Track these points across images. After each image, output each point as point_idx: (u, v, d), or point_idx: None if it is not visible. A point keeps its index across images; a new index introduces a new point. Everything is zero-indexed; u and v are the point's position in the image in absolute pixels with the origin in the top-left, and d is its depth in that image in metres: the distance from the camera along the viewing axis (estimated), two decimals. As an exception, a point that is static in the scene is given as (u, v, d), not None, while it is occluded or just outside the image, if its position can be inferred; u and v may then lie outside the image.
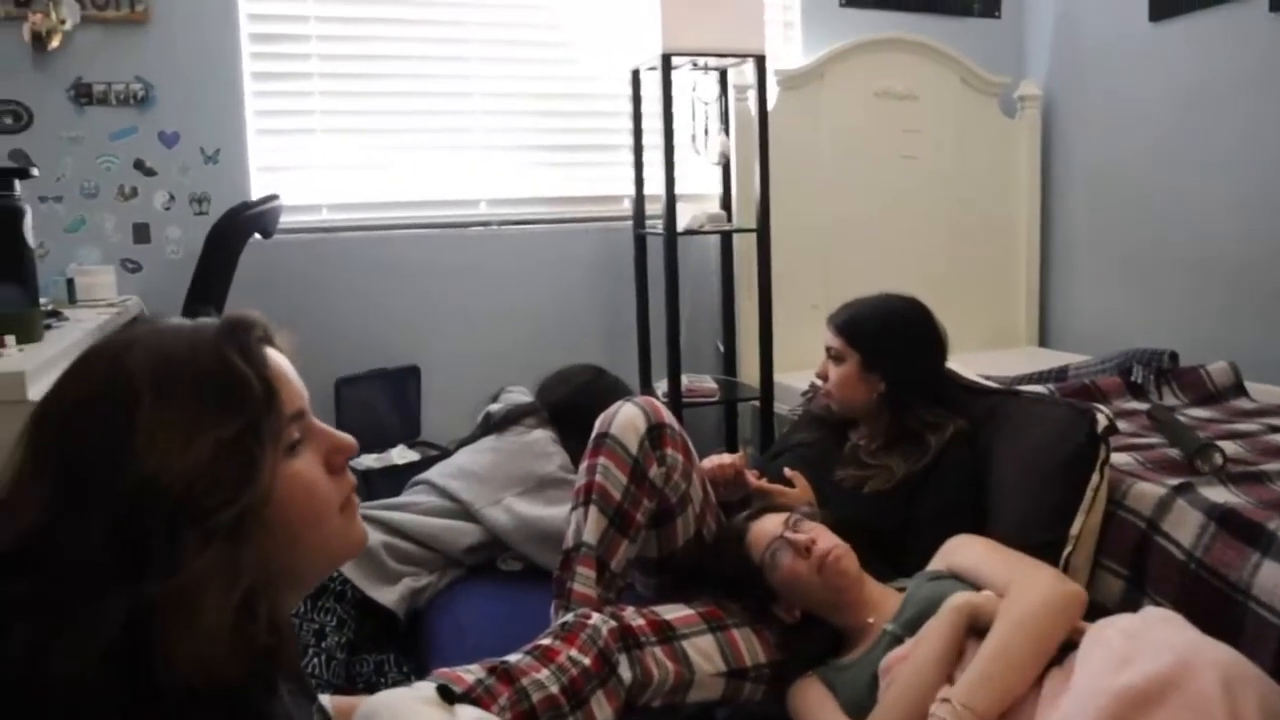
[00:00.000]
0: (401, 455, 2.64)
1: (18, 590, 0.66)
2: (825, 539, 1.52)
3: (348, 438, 0.83)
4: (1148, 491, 1.69)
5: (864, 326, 1.91)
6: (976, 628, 1.33)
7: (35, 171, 1.81)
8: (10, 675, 0.64)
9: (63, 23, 2.49)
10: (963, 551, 1.53)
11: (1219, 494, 1.64)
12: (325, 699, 1.03)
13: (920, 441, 1.82)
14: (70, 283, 2.39)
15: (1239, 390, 2.42)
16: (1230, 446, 1.87)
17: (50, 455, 0.70)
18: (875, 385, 1.87)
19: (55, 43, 2.51)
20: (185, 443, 0.70)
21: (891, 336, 1.90)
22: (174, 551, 0.68)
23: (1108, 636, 1.17)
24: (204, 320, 0.79)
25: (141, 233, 2.72)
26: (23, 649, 0.64)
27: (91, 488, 0.69)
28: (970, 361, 2.16)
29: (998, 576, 1.40)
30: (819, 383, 1.98)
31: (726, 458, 1.86)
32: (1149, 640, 1.12)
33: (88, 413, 0.72)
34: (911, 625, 1.41)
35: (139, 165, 2.69)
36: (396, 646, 1.88)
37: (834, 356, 1.91)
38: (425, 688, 1.00)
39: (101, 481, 0.68)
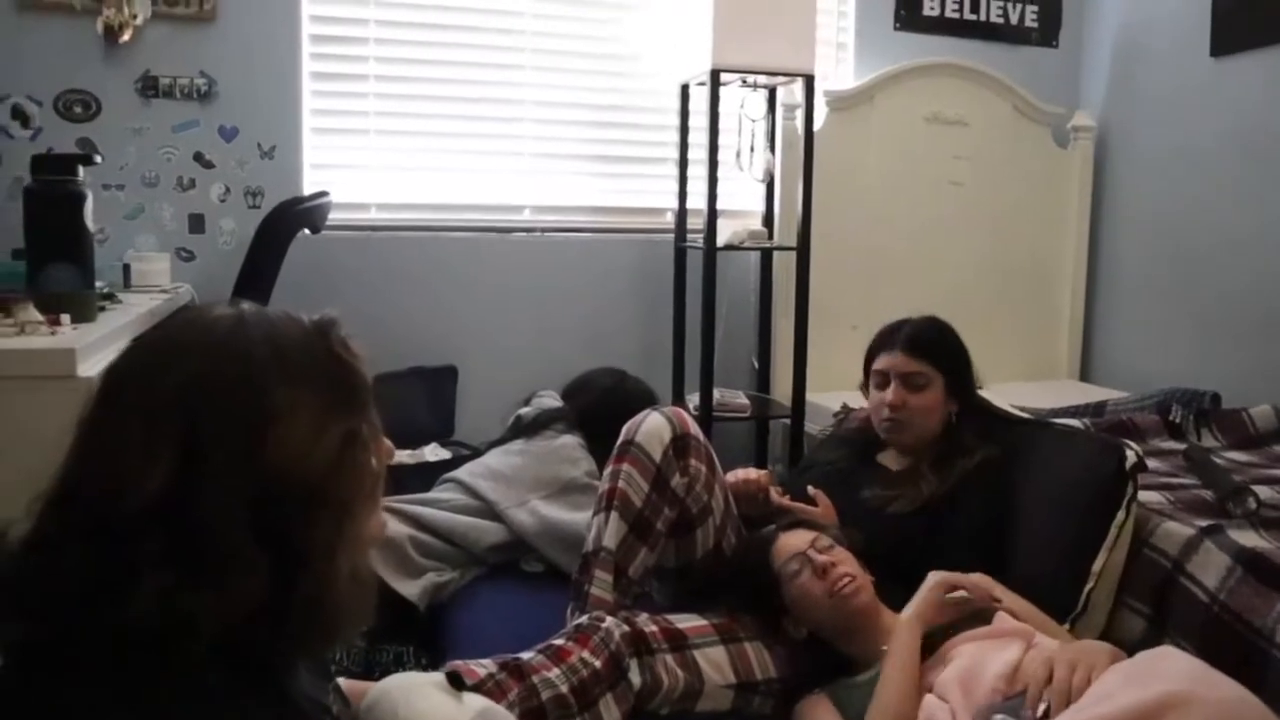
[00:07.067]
0: (434, 453, 2.68)
1: (151, 547, 0.70)
2: (846, 565, 1.52)
3: (391, 444, 0.89)
4: (1175, 531, 1.67)
5: (944, 347, 1.88)
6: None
7: (99, 159, 1.88)
8: (144, 615, 0.69)
9: (134, 18, 2.58)
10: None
11: (1249, 538, 1.62)
12: (341, 681, 1.07)
13: (949, 465, 1.81)
14: (126, 268, 2.47)
15: (1281, 435, 2.37)
16: (1266, 491, 1.84)
17: (172, 429, 0.72)
18: (950, 408, 1.86)
19: (126, 36, 2.60)
20: (317, 432, 0.76)
21: (962, 357, 1.90)
22: (311, 532, 0.75)
23: (1110, 673, 1.16)
24: (290, 311, 0.83)
25: (197, 223, 2.80)
26: (156, 595, 0.69)
27: (224, 466, 0.72)
28: (1009, 392, 2.14)
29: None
30: (886, 412, 1.84)
31: (753, 472, 1.86)
32: (1145, 674, 1.10)
33: (218, 393, 0.74)
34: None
35: (198, 157, 2.77)
36: (416, 639, 1.92)
37: (916, 383, 1.83)
38: (436, 674, 1.03)
39: (235, 461, 0.73)
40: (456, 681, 0.99)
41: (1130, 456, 1.64)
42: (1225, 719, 1.01)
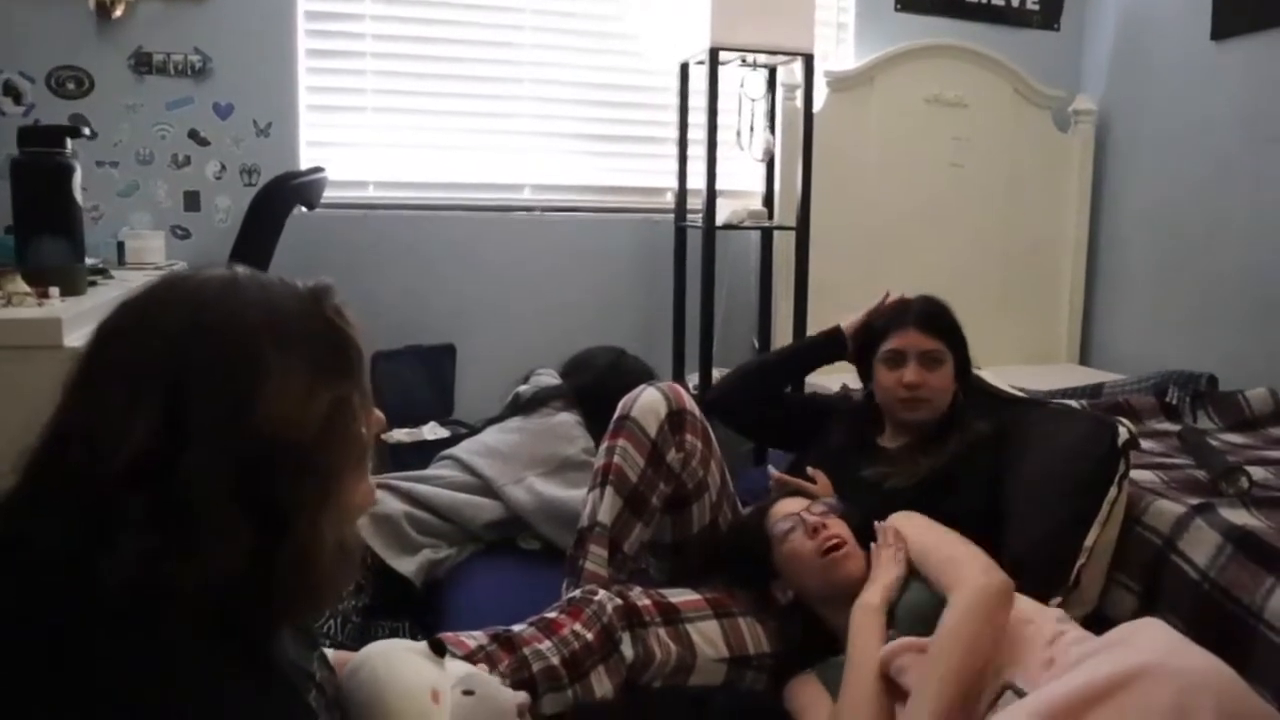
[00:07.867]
0: (433, 432, 2.68)
1: (133, 509, 0.69)
2: (837, 528, 1.52)
3: (381, 415, 0.89)
4: (1167, 509, 1.67)
5: (952, 324, 1.88)
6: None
7: (86, 131, 1.87)
8: (124, 579, 0.68)
9: (127, -7, 2.56)
10: (908, 533, 1.53)
11: (1240, 516, 1.62)
12: (329, 651, 1.06)
13: (945, 440, 1.81)
14: (121, 245, 2.46)
15: (1278, 418, 2.37)
16: (1259, 472, 1.83)
17: (156, 388, 0.72)
18: (956, 386, 1.87)
19: (119, 12, 2.59)
20: (306, 398, 0.75)
21: (963, 334, 1.90)
22: (298, 497, 0.75)
23: (1093, 641, 1.16)
24: (285, 277, 0.82)
25: (192, 200, 2.79)
26: (137, 559, 0.68)
27: (209, 427, 0.71)
28: (1009, 376, 2.14)
29: (929, 568, 1.43)
30: (903, 392, 1.82)
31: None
32: (1123, 644, 1.11)
33: (206, 353, 0.73)
34: (903, 626, 1.40)
35: (193, 135, 2.76)
36: (412, 615, 1.92)
37: (934, 359, 1.83)
38: (419, 643, 1.03)
39: (221, 424, 0.72)
40: (438, 648, 0.99)
41: (1123, 433, 1.64)
42: (1197, 688, 1.00)
